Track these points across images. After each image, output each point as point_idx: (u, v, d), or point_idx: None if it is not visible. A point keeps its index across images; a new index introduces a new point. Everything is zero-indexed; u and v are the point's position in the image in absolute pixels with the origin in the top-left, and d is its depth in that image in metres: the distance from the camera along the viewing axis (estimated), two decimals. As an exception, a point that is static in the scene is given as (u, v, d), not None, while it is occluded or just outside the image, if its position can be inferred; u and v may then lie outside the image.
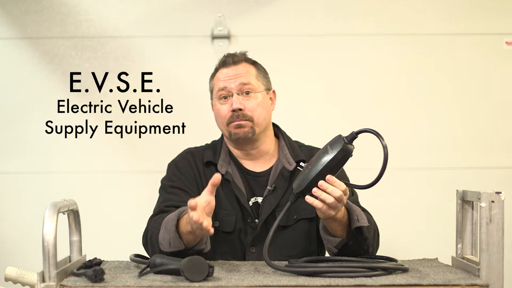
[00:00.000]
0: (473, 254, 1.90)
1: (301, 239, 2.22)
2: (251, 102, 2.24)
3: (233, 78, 2.25)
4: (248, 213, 2.22)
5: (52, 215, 1.69)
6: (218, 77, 2.28)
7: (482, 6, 3.38)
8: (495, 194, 1.71)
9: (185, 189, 2.22)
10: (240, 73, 2.25)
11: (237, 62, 2.27)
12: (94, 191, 3.33)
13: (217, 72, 2.30)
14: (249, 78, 2.26)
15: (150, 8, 3.37)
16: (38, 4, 3.34)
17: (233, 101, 2.22)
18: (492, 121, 3.39)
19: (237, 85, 2.24)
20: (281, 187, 2.22)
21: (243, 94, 2.24)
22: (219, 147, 2.31)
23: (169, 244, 1.96)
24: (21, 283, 1.68)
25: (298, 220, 2.23)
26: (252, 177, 2.27)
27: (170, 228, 1.96)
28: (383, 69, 3.39)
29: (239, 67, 2.27)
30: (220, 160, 2.27)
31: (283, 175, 2.23)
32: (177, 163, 2.31)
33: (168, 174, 2.31)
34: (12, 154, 3.35)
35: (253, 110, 2.23)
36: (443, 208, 2.61)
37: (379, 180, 1.79)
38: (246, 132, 2.22)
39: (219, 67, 2.30)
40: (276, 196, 2.21)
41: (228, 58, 2.28)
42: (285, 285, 1.64)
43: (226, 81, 2.25)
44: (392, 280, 1.68)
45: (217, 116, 2.29)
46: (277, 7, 3.37)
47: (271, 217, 2.20)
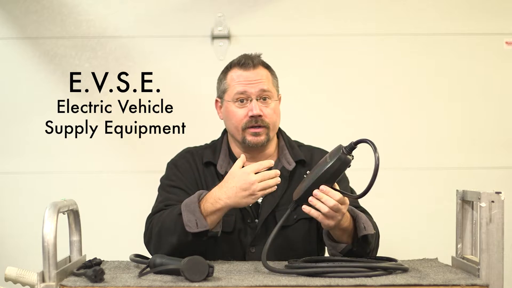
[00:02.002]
0: (473, 254, 1.90)
1: (301, 239, 2.22)
2: (269, 109, 2.24)
3: (253, 83, 2.23)
4: (247, 214, 2.22)
5: (52, 215, 1.69)
6: (235, 78, 2.25)
7: (482, 6, 3.37)
8: (495, 194, 1.71)
9: (185, 189, 2.23)
10: (260, 79, 2.24)
11: (256, 65, 2.26)
12: (94, 191, 3.33)
13: (232, 71, 2.27)
14: (268, 84, 2.26)
15: (150, 8, 3.37)
16: (38, 4, 3.34)
17: (252, 106, 2.21)
18: (492, 121, 3.39)
19: (257, 91, 2.23)
20: (280, 187, 2.21)
21: (261, 100, 2.24)
22: (219, 147, 2.31)
23: (196, 224, 1.99)
24: (21, 283, 1.68)
25: (298, 220, 2.23)
26: None
27: (194, 209, 2.00)
28: (383, 69, 3.38)
29: (258, 71, 2.26)
30: (220, 160, 2.27)
31: (283, 175, 2.22)
32: (176, 162, 2.31)
33: (167, 174, 2.31)
34: (12, 154, 3.35)
35: (270, 117, 2.24)
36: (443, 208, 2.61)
37: (369, 190, 1.81)
38: (262, 140, 2.23)
39: (234, 67, 2.27)
40: (276, 196, 2.21)
41: (248, 61, 2.26)
42: (285, 285, 1.64)
43: (246, 85, 2.23)
44: (392, 280, 1.68)
45: (230, 118, 2.26)
46: (277, 7, 3.37)
47: (271, 217, 2.21)
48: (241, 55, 2.30)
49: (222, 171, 2.24)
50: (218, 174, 2.26)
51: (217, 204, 2.01)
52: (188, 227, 1.99)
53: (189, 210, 2.01)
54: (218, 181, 2.20)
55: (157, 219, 2.12)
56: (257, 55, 2.30)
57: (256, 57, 2.29)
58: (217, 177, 2.25)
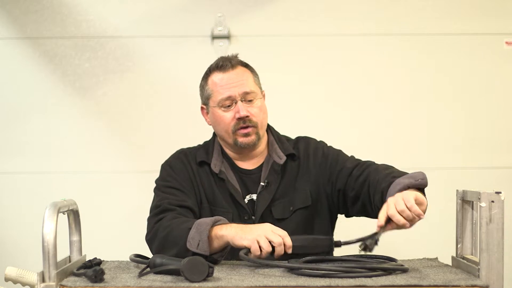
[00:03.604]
0: (473, 254, 1.90)
1: (299, 228, 2.23)
2: (255, 108, 2.25)
3: (235, 85, 2.24)
4: (244, 211, 2.24)
5: (52, 215, 1.69)
6: (217, 83, 2.25)
7: (482, 6, 3.37)
8: (495, 194, 1.71)
9: (181, 189, 2.24)
10: (241, 80, 2.24)
11: (234, 66, 2.26)
12: (94, 191, 3.33)
13: (212, 76, 2.27)
14: (250, 85, 2.26)
15: (150, 8, 3.37)
16: (38, 4, 3.34)
17: (239, 108, 2.22)
18: (492, 121, 3.39)
19: (241, 93, 2.23)
20: (273, 181, 2.25)
21: (245, 101, 2.24)
22: (211, 147, 2.33)
23: (197, 245, 1.96)
24: (21, 283, 1.68)
25: (294, 211, 2.25)
26: (245, 175, 2.29)
27: (203, 231, 1.96)
28: (383, 69, 3.38)
29: (238, 71, 2.26)
30: (213, 159, 2.29)
31: (275, 169, 2.26)
32: (171, 163, 2.33)
33: (162, 175, 2.32)
34: (12, 154, 3.35)
35: (257, 115, 2.25)
36: (443, 208, 2.60)
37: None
38: (253, 140, 2.25)
39: (213, 71, 2.27)
40: (270, 191, 2.24)
41: (226, 62, 2.26)
42: (285, 285, 1.64)
43: (229, 89, 2.23)
44: (392, 281, 1.68)
45: (219, 123, 2.27)
46: (277, 7, 3.37)
47: (267, 212, 2.23)
48: (218, 58, 2.30)
49: (216, 170, 2.26)
50: (212, 172, 2.27)
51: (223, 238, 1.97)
52: (189, 244, 1.98)
53: (198, 229, 1.98)
54: (212, 180, 2.25)
55: (167, 222, 2.09)
56: (234, 56, 2.30)
57: (234, 58, 2.29)
58: (211, 175, 2.27)
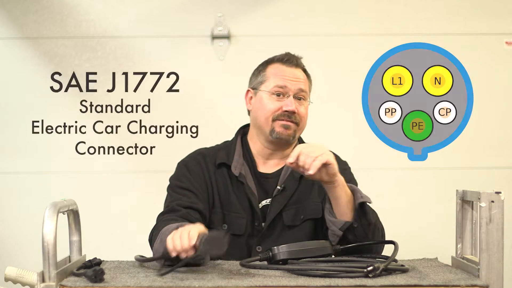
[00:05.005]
0: (473, 254, 1.90)
1: (307, 238, 2.22)
2: (303, 108, 2.26)
3: (295, 80, 2.25)
4: (257, 216, 2.22)
5: (52, 215, 1.69)
6: (277, 72, 2.26)
7: (482, 6, 3.37)
8: (495, 194, 1.71)
9: (194, 191, 2.21)
10: (301, 78, 2.27)
11: (298, 65, 2.29)
12: (94, 191, 3.33)
13: (274, 65, 2.29)
14: (306, 86, 2.28)
15: (150, 8, 3.37)
16: (38, 4, 3.34)
17: (290, 102, 2.22)
18: (492, 121, 3.38)
19: (296, 89, 2.24)
20: (290, 187, 2.24)
21: (297, 99, 2.25)
22: (233, 148, 2.30)
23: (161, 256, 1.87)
24: (21, 283, 1.68)
25: (304, 220, 2.24)
26: (264, 179, 2.27)
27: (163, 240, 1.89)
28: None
29: (299, 71, 2.29)
30: (234, 161, 2.26)
31: (294, 175, 2.24)
32: (187, 163, 2.30)
33: (177, 174, 2.29)
34: (12, 154, 3.35)
35: (302, 116, 2.26)
36: (443, 208, 2.61)
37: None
38: (290, 134, 2.24)
39: (276, 62, 2.29)
40: (285, 196, 2.23)
41: (292, 59, 2.28)
42: (285, 285, 1.64)
43: (287, 81, 2.24)
44: (392, 281, 1.68)
45: (263, 108, 2.25)
46: (277, 7, 3.37)
47: (278, 217, 2.22)
48: (284, 53, 2.32)
49: (236, 172, 2.24)
50: (230, 175, 2.25)
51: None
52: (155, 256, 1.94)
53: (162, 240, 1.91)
54: (229, 182, 2.23)
55: (160, 224, 2.08)
56: (300, 58, 2.32)
57: (299, 59, 2.32)
58: (229, 178, 2.25)
